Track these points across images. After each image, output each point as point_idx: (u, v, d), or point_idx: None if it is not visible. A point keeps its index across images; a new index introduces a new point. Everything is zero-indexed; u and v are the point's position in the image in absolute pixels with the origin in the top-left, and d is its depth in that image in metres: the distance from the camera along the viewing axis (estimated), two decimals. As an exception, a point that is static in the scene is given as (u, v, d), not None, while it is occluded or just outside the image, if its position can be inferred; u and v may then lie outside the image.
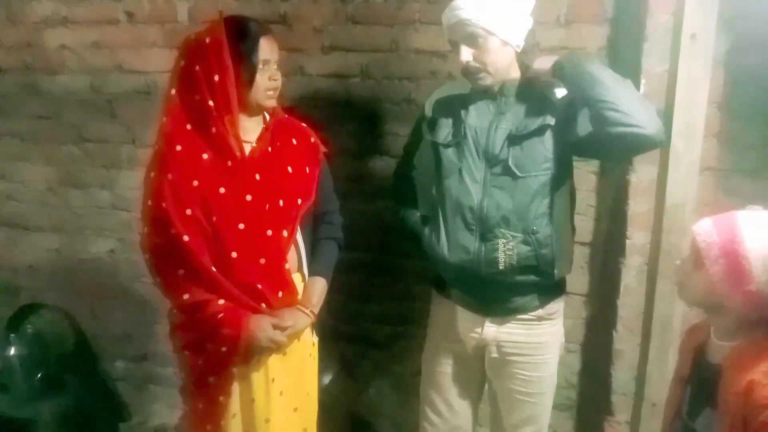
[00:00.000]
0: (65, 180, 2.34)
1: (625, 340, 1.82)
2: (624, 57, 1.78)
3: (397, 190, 1.74)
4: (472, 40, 1.40)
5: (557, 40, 1.84)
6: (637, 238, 1.77)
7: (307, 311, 1.48)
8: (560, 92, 1.42)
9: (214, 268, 1.37)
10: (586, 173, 1.89)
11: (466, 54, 1.41)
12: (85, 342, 2.40)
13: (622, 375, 1.84)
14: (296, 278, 1.50)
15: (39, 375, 2.22)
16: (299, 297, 1.50)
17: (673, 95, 1.64)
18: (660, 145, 1.36)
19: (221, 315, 1.37)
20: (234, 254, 1.36)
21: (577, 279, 1.95)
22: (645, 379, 1.68)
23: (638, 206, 1.76)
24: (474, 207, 1.45)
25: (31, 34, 2.21)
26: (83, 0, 2.14)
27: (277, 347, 1.42)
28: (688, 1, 1.58)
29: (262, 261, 1.39)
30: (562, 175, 1.46)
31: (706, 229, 1.07)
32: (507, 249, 1.44)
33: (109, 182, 2.29)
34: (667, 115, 1.66)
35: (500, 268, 1.44)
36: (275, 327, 1.40)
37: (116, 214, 2.31)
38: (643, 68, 1.69)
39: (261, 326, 1.38)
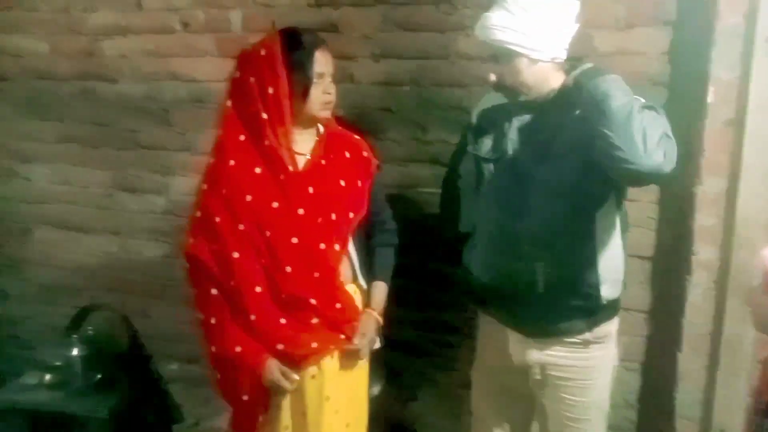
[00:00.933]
0: (122, 185, 2.41)
1: (690, 361, 1.72)
2: (689, 63, 1.69)
3: (442, 199, 1.70)
4: (498, 59, 1.35)
5: (616, 45, 1.77)
6: (703, 253, 1.67)
7: (375, 314, 1.51)
8: None
9: (259, 288, 1.37)
10: (647, 184, 1.81)
11: (492, 74, 1.37)
12: (139, 343, 2.47)
13: (686, 398, 1.75)
14: (350, 289, 1.50)
15: (97, 374, 2.30)
16: (359, 306, 1.51)
17: (745, 103, 1.55)
18: (663, 180, 1.24)
19: (239, 349, 1.38)
20: (288, 269, 1.36)
21: (637, 295, 1.87)
22: (712, 404, 1.59)
23: (705, 219, 1.67)
24: (511, 226, 1.40)
25: (91, 43, 2.29)
26: (141, 10, 2.20)
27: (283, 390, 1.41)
28: (763, 2, 1.49)
29: (316, 275, 1.39)
30: (605, 193, 1.38)
31: None
32: (546, 271, 1.38)
33: (163, 188, 2.35)
34: (738, 124, 1.58)
35: (539, 291, 1.39)
36: (283, 373, 1.38)
37: (170, 219, 2.36)
38: (711, 75, 1.59)
39: (270, 369, 1.38)
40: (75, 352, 2.27)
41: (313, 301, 1.39)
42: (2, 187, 2.53)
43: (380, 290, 1.56)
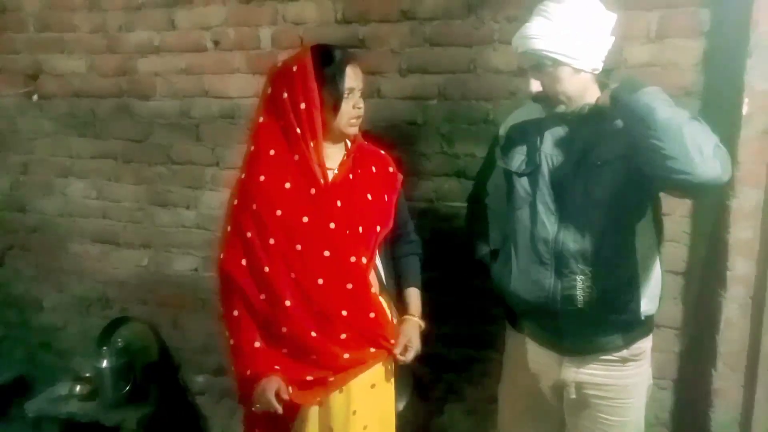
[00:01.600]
0: (153, 199, 2.45)
1: (725, 378, 1.68)
2: (723, 73, 1.66)
3: (468, 216, 1.69)
4: (541, 69, 1.34)
5: (647, 56, 1.75)
6: (739, 268, 1.64)
7: (416, 319, 1.54)
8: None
9: (289, 301, 1.37)
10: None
11: (534, 84, 1.36)
12: (168, 354, 2.51)
13: (722, 417, 1.70)
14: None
15: (127, 385, 2.33)
16: (390, 316, 1.51)
17: (782, 114, 1.52)
18: (715, 189, 1.21)
19: (249, 372, 1.40)
20: (320, 281, 1.37)
21: (670, 310, 1.82)
22: (750, 424, 1.54)
23: (740, 233, 1.63)
24: (549, 240, 1.38)
25: (127, 62, 2.35)
26: (174, 29, 2.26)
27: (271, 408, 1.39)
28: (799, 12, 1.47)
29: (349, 286, 1.40)
30: (644, 205, 1.36)
31: None
32: (586, 285, 1.35)
33: (193, 202, 2.39)
34: (775, 136, 1.55)
35: (578, 306, 1.36)
36: (277, 393, 1.37)
37: (200, 232, 2.40)
38: (746, 85, 1.57)
39: (269, 385, 1.38)
40: (105, 363, 2.32)
41: (344, 313, 1.39)
42: (41, 202, 2.61)
43: (415, 296, 1.59)
